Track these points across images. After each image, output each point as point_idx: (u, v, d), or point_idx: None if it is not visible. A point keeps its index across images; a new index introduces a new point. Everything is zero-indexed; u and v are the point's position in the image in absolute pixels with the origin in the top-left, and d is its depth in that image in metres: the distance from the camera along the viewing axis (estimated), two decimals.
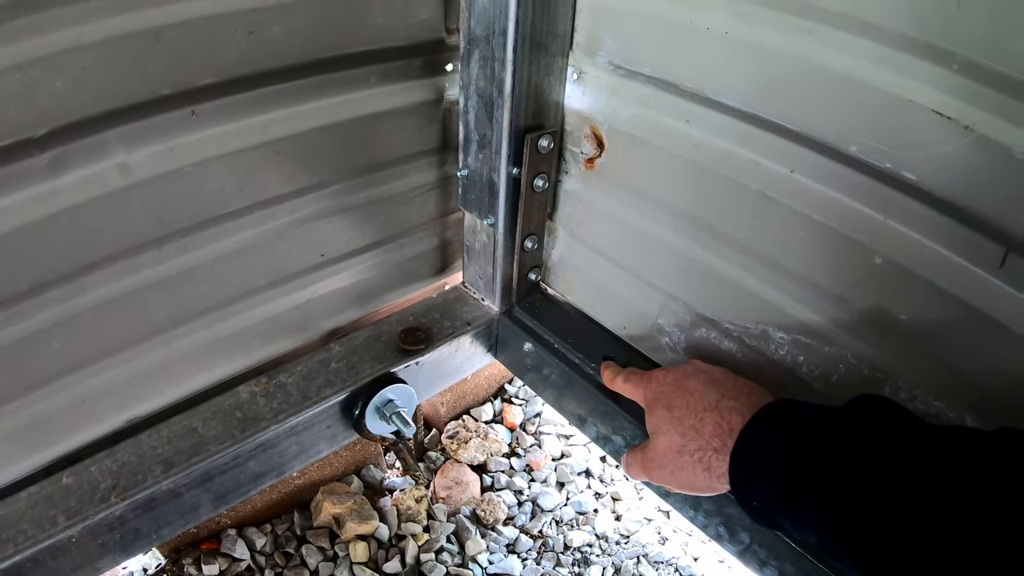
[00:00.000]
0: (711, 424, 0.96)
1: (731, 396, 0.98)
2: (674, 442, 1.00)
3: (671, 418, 1.02)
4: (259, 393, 1.31)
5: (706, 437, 0.96)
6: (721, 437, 0.94)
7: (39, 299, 1.06)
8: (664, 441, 1.03)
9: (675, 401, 1.03)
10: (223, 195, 1.17)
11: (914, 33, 0.83)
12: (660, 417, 1.04)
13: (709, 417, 0.97)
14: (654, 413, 1.07)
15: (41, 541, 1.07)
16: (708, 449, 0.95)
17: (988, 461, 0.68)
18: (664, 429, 1.03)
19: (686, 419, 1.00)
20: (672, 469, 1.02)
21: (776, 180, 1.04)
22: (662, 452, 1.03)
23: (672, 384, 1.07)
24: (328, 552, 1.83)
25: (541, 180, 1.32)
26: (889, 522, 0.70)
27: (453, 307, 1.56)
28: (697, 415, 0.99)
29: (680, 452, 0.99)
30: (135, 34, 0.96)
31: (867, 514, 0.72)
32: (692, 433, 0.98)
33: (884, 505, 0.71)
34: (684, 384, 1.04)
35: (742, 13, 0.98)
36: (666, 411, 1.03)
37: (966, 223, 0.86)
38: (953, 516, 0.66)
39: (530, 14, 1.14)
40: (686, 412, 1.00)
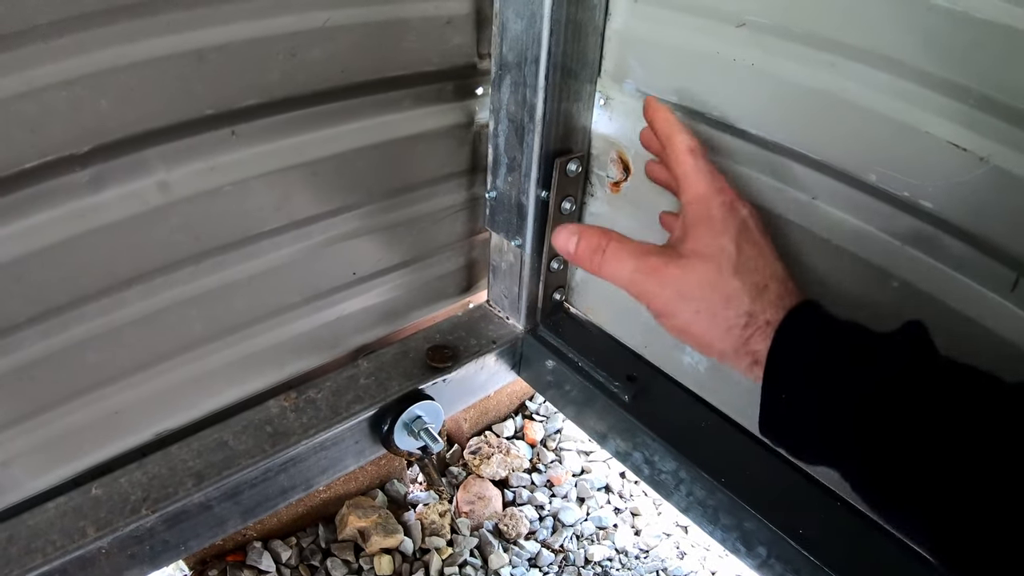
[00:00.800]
0: (774, 294, 0.83)
1: (796, 282, 0.87)
2: (728, 283, 0.83)
3: (736, 259, 0.84)
4: (289, 408, 1.32)
5: (764, 304, 0.82)
6: (777, 311, 0.81)
7: (77, 312, 1.08)
8: (713, 274, 0.84)
9: (746, 246, 0.86)
10: (261, 214, 1.18)
11: (932, 68, 0.85)
12: (720, 248, 0.85)
13: (775, 287, 0.83)
14: (715, 237, 0.87)
15: (70, 552, 1.08)
16: (759, 318, 0.81)
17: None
18: (721, 263, 0.84)
19: (752, 274, 0.84)
20: (699, 309, 0.84)
21: (797, 206, 1.06)
22: (699, 282, 0.85)
23: (743, 226, 0.88)
24: (353, 565, 1.84)
25: (568, 203, 1.33)
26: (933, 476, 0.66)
27: (478, 325, 1.57)
28: (763, 275, 0.84)
29: (728, 299, 0.83)
30: (179, 55, 0.98)
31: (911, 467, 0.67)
32: (753, 290, 0.83)
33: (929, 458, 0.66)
34: (758, 237, 0.88)
35: (768, 46, 1.00)
36: (733, 246, 0.85)
37: (980, 249, 0.88)
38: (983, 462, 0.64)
39: (562, 43, 1.15)
40: (755, 267, 0.85)
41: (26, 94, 0.89)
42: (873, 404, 0.71)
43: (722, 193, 0.91)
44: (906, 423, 0.68)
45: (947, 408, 0.68)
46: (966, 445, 0.65)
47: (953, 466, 0.65)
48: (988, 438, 0.65)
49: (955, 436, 0.66)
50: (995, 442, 0.64)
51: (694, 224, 0.89)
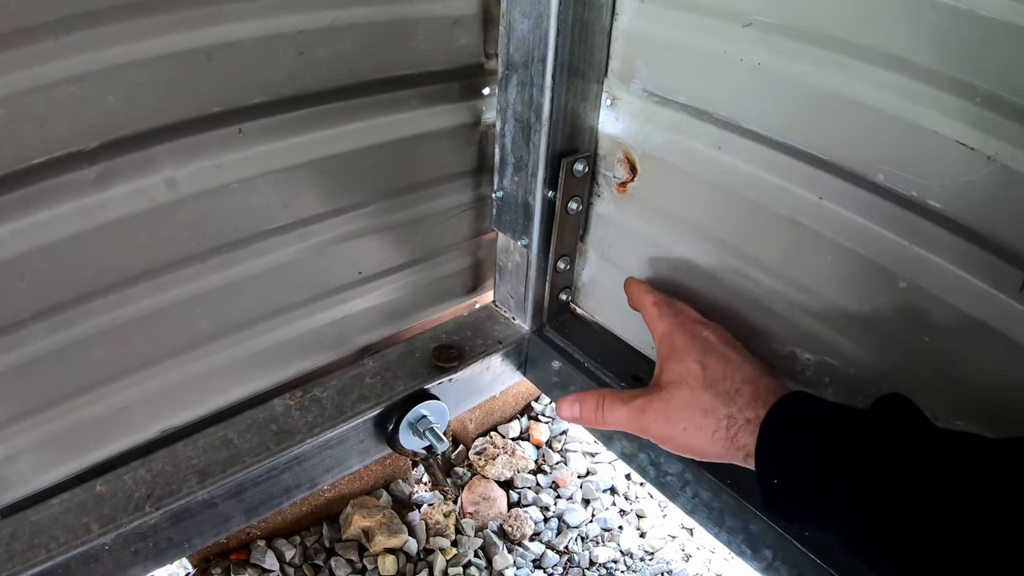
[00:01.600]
0: (747, 395, 0.93)
1: (769, 376, 0.97)
2: (702, 399, 0.96)
3: (703, 376, 0.97)
4: (294, 406, 1.32)
5: (740, 405, 0.92)
6: (755, 409, 0.91)
7: (84, 308, 1.08)
8: (689, 395, 0.97)
9: (710, 361, 0.99)
10: (267, 212, 1.18)
11: (940, 67, 0.84)
12: (689, 370, 0.99)
13: (746, 389, 0.94)
14: (681, 362, 1.01)
15: (74, 548, 1.08)
16: (739, 419, 0.92)
17: (1001, 471, 0.69)
18: (692, 384, 0.98)
19: (722, 383, 0.96)
20: (687, 426, 0.96)
21: (805, 206, 1.06)
22: (680, 405, 0.97)
23: (706, 343, 1.03)
24: (357, 565, 1.84)
25: (575, 203, 1.33)
26: (913, 531, 0.70)
27: (484, 325, 1.57)
28: (734, 383, 0.95)
29: (707, 412, 0.95)
30: (187, 53, 0.98)
31: (893, 519, 0.72)
32: (725, 398, 0.94)
33: (906, 514, 0.71)
34: (721, 349, 1.02)
35: (774, 46, 1.00)
36: (698, 367, 0.99)
37: (987, 249, 0.88)
38: (972, 528, 0.67)
39: (568, 42, 1.15)
40: (722, 377, 0.96)
41: (34, 90, 0.89)
42: (851, 480, 0.77)
43: (682, 325, 1.08)
44: (887, 496, 0.74)
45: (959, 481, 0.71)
46: (946, 507, 0.69)
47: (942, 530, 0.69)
48: (962, 496, 0.69)
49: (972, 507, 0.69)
50: (975, 499, 0.68)
51: (665, 358, 1.05)
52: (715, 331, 1.06)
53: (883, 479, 0.74)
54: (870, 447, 0.77)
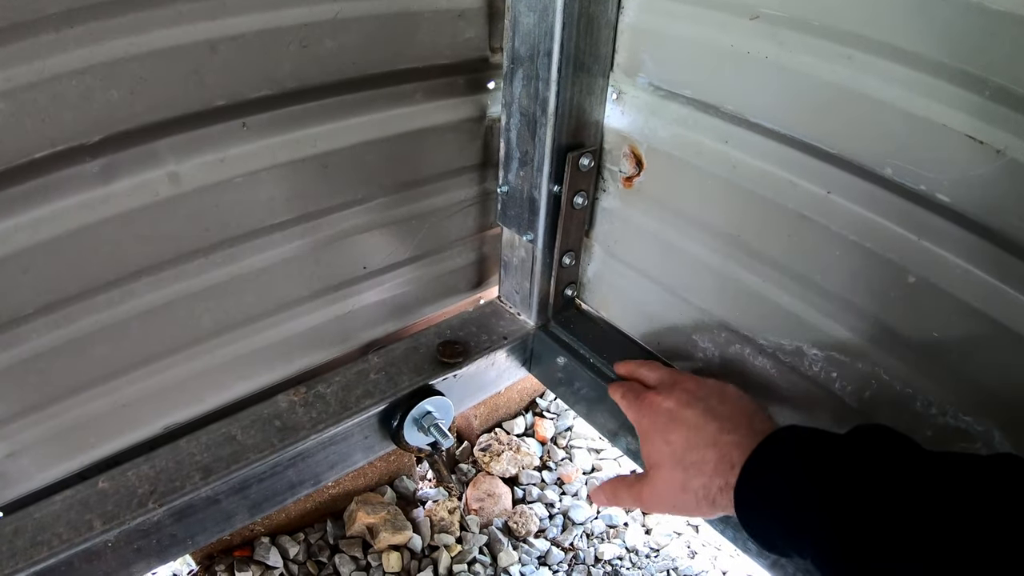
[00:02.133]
0: (712, 462, 0.95)
1: (730, 429, 0.97)
2: (676, 478, 1.00)
3: (671, 453, 1.01)
4: (298, 403, 1.32)
5: (708, 475, 0.95)
6: (724, 475, 0.93)
7: (86, 304, 1.08)
8: (666, 476, 1.02)
9: (672, 436, 1.02)
10: (271, 206, 1.18)
11: (948, 60, 0.84)
12: (659, 451, 1.03)
13: (711, 455, 0.96)
14: (651, 444, 1.06)
15: (76, 545, 1.08)
16: (712, 487, 0.94)
17: (986, 491, 0.68)
18: (665, 464, 1.02)
19: (687, 456, 0.99)
20: (675, 504, 1.01)
21: (813, 200, 1.05)
22: (663, 487, 1.02)
23: (667, 415, 1.06)
24: (361, 561, 1.84)
25: (581, 198, 1.33)
26: (889, 560, 0.70)
27: (489, 321, 1.56)
28: (698, 452, 0.98)
29: (684, 489, 0.98)
30: (191, 45, 0.98)
31: (865, 554, 0.72)
32: (694, 470, 0.97)
33: (883, 543, 0.71)
34: (681, 415, 1.04)
35: (782, 39, 0.99)
36: (665, 446, 1.03)
37: (996, 243, 0.87)
38: (950, 547, 0.66)
39: (574, 36, 1.15)
40: (686, 448, 1.00)
41: (37, 84, 0.89)
42: (830, 517, 0.77)
43: (644, 407, 1.11)
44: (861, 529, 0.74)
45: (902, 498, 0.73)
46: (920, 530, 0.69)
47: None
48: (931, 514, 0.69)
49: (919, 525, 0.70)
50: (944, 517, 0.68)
51: (642, 443, 1.09)
52: (676, 397, 1.08)
53: (858, 522, 0.74)
54: (844, 490, 0.78)
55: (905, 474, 0.74)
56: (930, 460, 0.75)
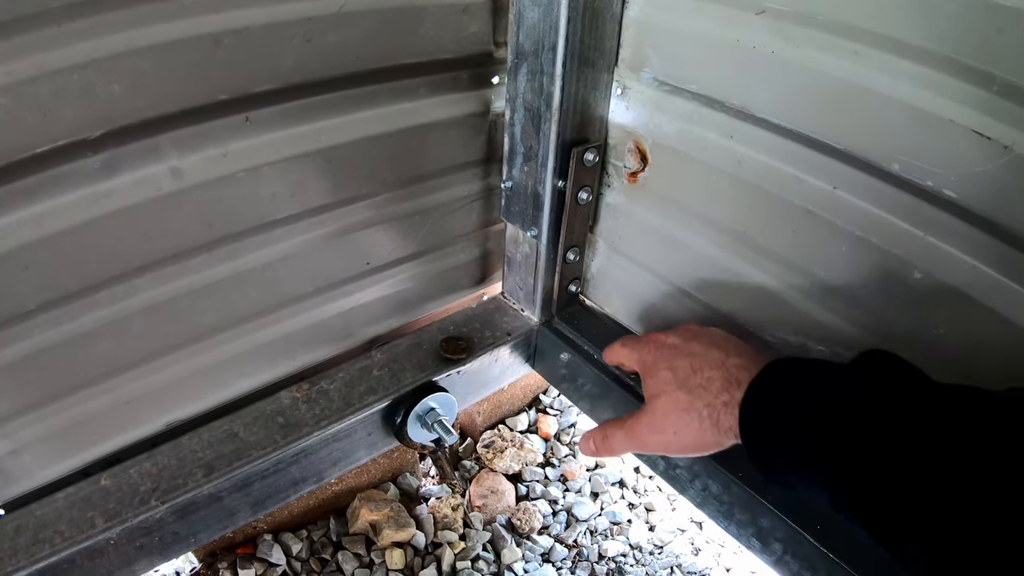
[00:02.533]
0: (719, 381, 0.95)
1: (736, 355, 0.98)
2: (680, 400, 0.99)
3: (675, 379, 1.01)
4: (301, 399, 1.32)
5: (714, 392, 0.95)
6: (730, 391, 0.93)
7: (88, 300, 1.07)
8: (668, 401, 1.01)
9: (678, 363, 1.02)
10: (274, 201, 1.18)
11: (956, 55, 0.83)
12: (663, 379, 1.03)
13: (716, 375, 0.96)
14: (655, 376, 1.05)
15: (79, 542, 1.08)
16: (717, 404, 0.94)
17: (997, 420, 0.68)
18: (668, 390, 1.01)
19: (692, 379, 0.99)
20: (676, 429, 1.00)
21: (819, 196, 1.05)
22: (664, 412, 1.01)
23: (672, 348, 1.06)
24: (364, 559, 1.84)
25: (585, 193, 1.32)
26: (897, 486, 0.70)
27: (493, 317, 1.56)
28: (703, 374, 0.98)
29: (687, 409, 0.98)
30: (194, 39, 0.97)
31: (874, 476, 0.72)
32: (700, 390, 0.97)
33: (890, 467, 0.71)
34: (686, 347, 1.04)
35: (788, 34, 0.99)
36: (669, 372, 1.03)
37: (1003, 239, 0.87)
38: (961, 477, 0.66)
39: (579, 30, 1.14)
40: (691, 372, 1.00)
41: (38, 78, 0.88)
42: (835, 433, 0.78)
43: (647, 344, 1.12)
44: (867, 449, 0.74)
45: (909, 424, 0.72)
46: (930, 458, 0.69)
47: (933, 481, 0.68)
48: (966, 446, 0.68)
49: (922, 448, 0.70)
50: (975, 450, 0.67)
51: (644, 379, 1.09)
52: (679, 334, 1.09)
53: (861, 432, 0.75)
54: (848, 401, 0.78)
55: (916, 403, 0.74)
56: (939, 391, 0.76)
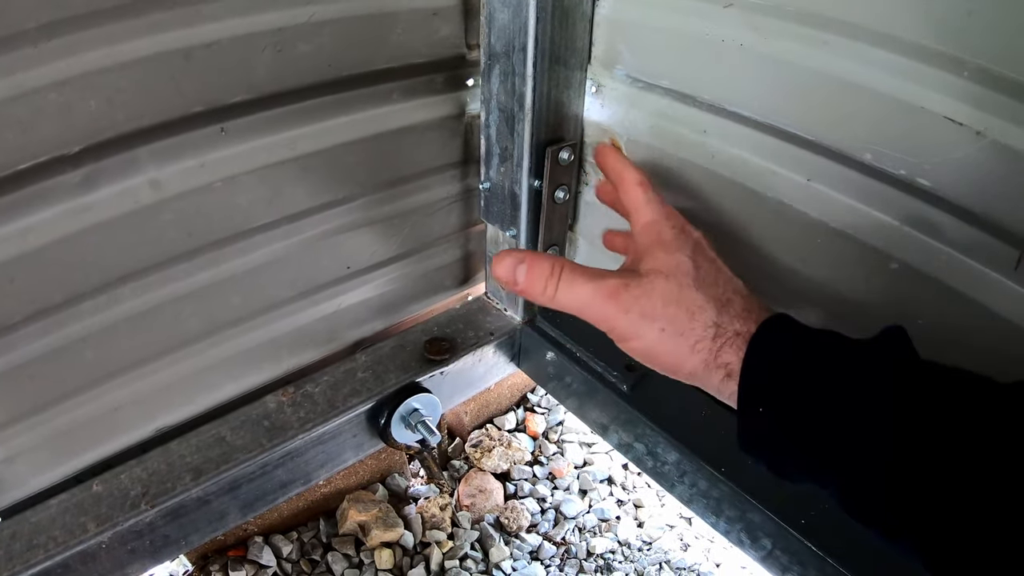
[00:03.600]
0: (739, 306, 0.80)
1: (759, 295, 0.85)
2: (691, 299, 0.80)
3: (696, 274, 0.82)
4: (286, 403, 1.33)
5: (730, 315, 0.79)
6: (746, 323, 0.78)
7: (73, 311, 1.08)
8: (674, 290, 0.81)
9: (702, 262, 0.85)
10: (252, 209, 1.18)
11: (925, 41, 0.84)
12: (679, 263, 0.83)
13: (738, 300, 0.81)
14: (672, 255, 0.85)
15: (72, 547, 1.09)
16: (728, 330, 0.78)
17: (1013, 415, 0.62)
18: (681, 279, 0.82)
19: (712, 287, 0.82)
20: (665, 327, 0.80)
21: (793, 188, 1.05)
22: (663, 299, 0.81)
23: (697, 244, 0.88)
24: (354, 559, 1.85)
25: (562, 192, 1.33)
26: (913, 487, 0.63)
27: (476, 317, 1.57)
28: (727, 292, 0.82)
29: (694, 315, 0.79)
30: (166, 54, 0.98)
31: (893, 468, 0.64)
32: (716, 303, 0.80)
33: (908, 468, 0.63)
34: (713, 256, 0.88)
35: (757, 25, 1.00)
36: (691, 262, 0.83)
37: (980, 227, 0.87)
38: (981, 475, 0.60)
39: (549, 30, 1.15)
40: (714, 283, 0.83)
41: (16, 97, 0.89)
42: (855, 411, 0.68)
43: (671, 218, 0.91)
44: (891, 430, 0.65)
45: (934, 411, 0.65)
46: (959, 450, 0.62)
47: (948, 474, 0.62)
48: (981, 441, 0.61)
49: (946, 441, 0.63)
50: (988, 445, 0.61)
51: (648, 247, 0.88)
52: (704, 237, 0.91)
53: (890, 425, 0.65)
54: (874, 385, 0.68)
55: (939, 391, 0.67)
56: (976, 383, 0.68)
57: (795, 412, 0.71)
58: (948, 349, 0.94)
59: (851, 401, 0.69)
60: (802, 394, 0.71)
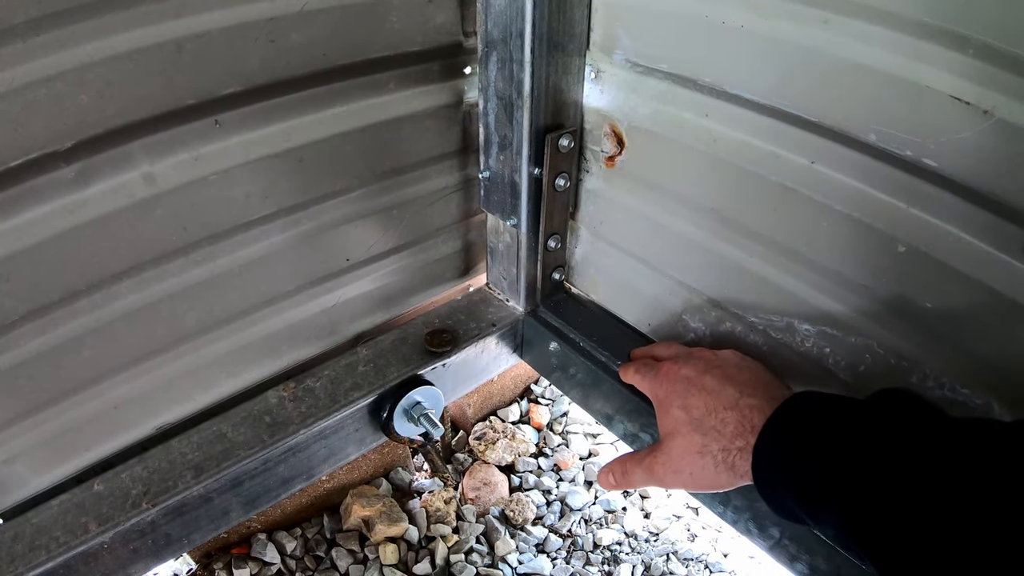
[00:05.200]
0: (732, 424, 0.95)
1: (750, 393, 0.97)
2: (694, 443, 0.99)
3: (690, 419, 1.01)
4: (287, 398, 1.32)
5: (728, 437, 0.95)
6: (744, 436, 0.93)
7: (70, 308, 1.08)
8: (683, 443, 1.01)
9: (691, 401, 1.02)
10: (248, 202, 1.18)
11: (928, 19, 0.82)
12: (677, 419, 1.03)
13: (730, 416, 0.96)
14: (669, 413, 1.05)
15: (73, 547, 1.08)
16: (732, 449, 0.94)
17: (1007, 456, 0.67)
18: (683, 431, 1.01)
19: (706, 420, 0.98)
20: (692, 471, 1.00)
21: (796, 171, 1.04)
22: (680, 454, 1.01)
23: (686, 382, 1.05)
24: (358, 555, 1.84)
25: (562, 180, 1.32)
26: (906, 525, 0.69)
27: (478, 308, 1.56)
28: (717, 415, 0.97)
29: (702, 453, 0.98)
30: (157, 46, 0.98)
31: (884, 517, 0.71)
32: (714, 433, 0.97)
33: (901, 507, 0.70)
34: (699, 382, 1.03)
35: (757, 6, 0.98)
36: (683, 412, 1.02)
37: (987, 208, 0.86)
38: (970, 516, 0.65)
39: (546, 15, 1.14)
40: (705, 413, 0.99)
41: (6, 94, 0.89)
42: (847, 476, 0.77)
43: (660, 376, 1.11)
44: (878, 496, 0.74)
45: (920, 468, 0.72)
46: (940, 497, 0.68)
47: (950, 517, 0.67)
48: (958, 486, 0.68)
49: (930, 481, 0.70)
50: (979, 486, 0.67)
51: (658, 414, 1.09)
52: (693, 365, 1.08)
53: (873, 472, 0.74)
54: (863, 456, 0.77)
55: (928, 442, 0.73)
56: (952, 427, 0.75)
57: (796, 500, 0.84)
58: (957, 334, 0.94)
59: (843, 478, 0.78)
60: (800, 481, 0.83)
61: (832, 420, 0.84)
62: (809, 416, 0.87)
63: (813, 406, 0.89)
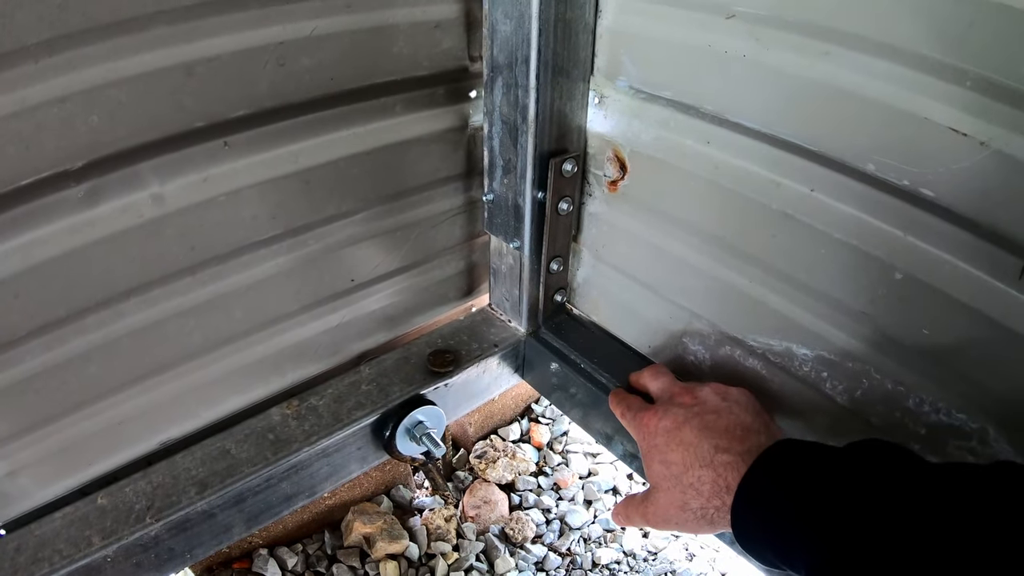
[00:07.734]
0: (708, 483, 0.96)
1: (725, 448, 0.97)
2: (676, 499, 1.01)
3: (670, 475, 1.02)
4: (291, 415, 1.33)
5: (706, 496, 0.96)
6: (719, 495, 0.94)
7: (77, 325, 1.08)
8: (666, 498, 1.03)
9: (670, 456, 1.02)
10: (255, 223, 1.19)
11: (927, 52, 0.83)
12: (659, 473, 1.04)
13: (706, 475, 0.96)
14: (651, 467, 1.07)
15: (76, 560, 1.09)
16: (710, 508, 0.96)
17: (985, 504, 0.67)
18: (664, 486, 1.03)
19: (684, 476, 0.99)
20: (678, 522, 1.03)
21: (796, 199, 1.05)
22: (665, 508, 1.03)
23: (665, 436, 1.05)
24: (359, 571, 1.84)
25: (566, 203, 1.33)
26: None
27: (480, 329, 1.57)
28: (694, 472, 0.98)
29: (683, 509, 1.00)
30: (168, 69, 0.99)
31: (861, 567, 0.71)
32: (692, 492, 0.98)
33: (874, 563, 0.70)
34: (677, 436, 1.03)
35: (759, 36, 0.99)
36: (663, 467, 1.03)
37: (984, 237, 0.87)
38: (948, 565, 0.64)
39: (551, 42, 1.15)
40: (683, 469, 1.00)
41: (19, 113, 0.90)
42: (822, 530, 0.77)
43: (643, 428, 1.12)
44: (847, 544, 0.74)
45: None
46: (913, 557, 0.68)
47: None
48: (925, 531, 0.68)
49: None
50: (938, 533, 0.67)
51: (644, 464, 1.10)
52: (672, 416, 1.08)
53: (848, 543, 0.74)
54: (835, 511, 0.77)
55: (901, 490, 0.73)
56: (925, 474, 0.74)
57: (772, 554, 0.85)
58: (953, 360, 0.94)
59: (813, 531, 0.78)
60: (776, 542, 0.84)
61: (804, 476, 0.84)
62: (782, 475, 0.87)
63: (785, 464, 0.89)
